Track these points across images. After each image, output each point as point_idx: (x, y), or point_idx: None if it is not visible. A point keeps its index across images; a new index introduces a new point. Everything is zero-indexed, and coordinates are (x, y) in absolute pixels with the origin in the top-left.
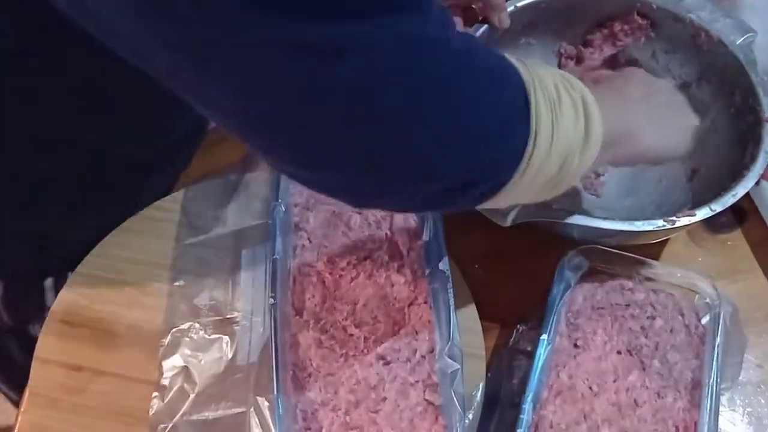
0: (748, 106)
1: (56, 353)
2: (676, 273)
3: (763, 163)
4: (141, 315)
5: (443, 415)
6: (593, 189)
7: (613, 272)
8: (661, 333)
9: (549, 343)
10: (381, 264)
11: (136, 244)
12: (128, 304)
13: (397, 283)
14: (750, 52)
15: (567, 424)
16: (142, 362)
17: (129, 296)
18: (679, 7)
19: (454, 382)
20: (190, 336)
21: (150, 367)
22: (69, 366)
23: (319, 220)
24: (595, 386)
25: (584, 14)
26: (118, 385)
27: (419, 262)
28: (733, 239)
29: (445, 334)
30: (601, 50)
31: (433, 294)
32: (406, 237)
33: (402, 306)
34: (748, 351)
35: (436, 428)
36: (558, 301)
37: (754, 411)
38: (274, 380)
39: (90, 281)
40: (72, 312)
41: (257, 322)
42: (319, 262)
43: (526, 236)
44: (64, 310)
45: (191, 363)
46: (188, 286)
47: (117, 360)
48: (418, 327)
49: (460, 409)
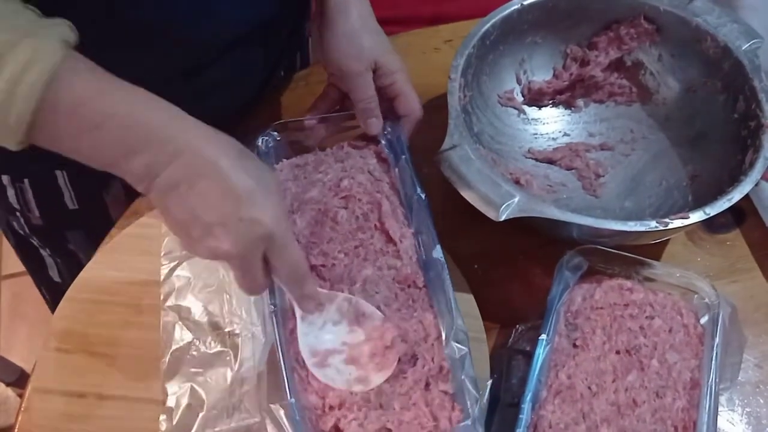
0: (750, 111)
1: (55, 382)
2: (675, 273)
3: (761, 169)
4: (138, 334)
5: (458, 399)
6: (592, 190)
7: (612, 272)
8: (660, 333)
9: (548, 343)
10: (375, 251)
11: (123, 264)
12: (124, 324)
13: (394, 266)
14: (755, 58)
15: (566, 423)
16: (146, 381)
17: (123, 317)
18: (686, 11)
19: (464, 367)
20: (190, 354)
21: (154, 385)
22: (70, 393)
23: (305, 220)
24: (594, 386)
25: (591, 16)
26: (123, 408)
27: (414, 249)
28: (732, 239)
29: (449, 319)
30: (606, 53)
31: (430, 282)
32: (397, 227)
33: (402, 287)
34: (746, 351)
35: (455, 414)
36: (557, 301)
37: (752, 411)
38: (286, 386)
39: (81, 306)
40: (66, 339)
41: (257, 330)
42: (311, 257)
43: (526, 236)
44: (58, 338)
45: (196, 381)
46: (181, 303)
47: (119, 382)
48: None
49: (474, 391)
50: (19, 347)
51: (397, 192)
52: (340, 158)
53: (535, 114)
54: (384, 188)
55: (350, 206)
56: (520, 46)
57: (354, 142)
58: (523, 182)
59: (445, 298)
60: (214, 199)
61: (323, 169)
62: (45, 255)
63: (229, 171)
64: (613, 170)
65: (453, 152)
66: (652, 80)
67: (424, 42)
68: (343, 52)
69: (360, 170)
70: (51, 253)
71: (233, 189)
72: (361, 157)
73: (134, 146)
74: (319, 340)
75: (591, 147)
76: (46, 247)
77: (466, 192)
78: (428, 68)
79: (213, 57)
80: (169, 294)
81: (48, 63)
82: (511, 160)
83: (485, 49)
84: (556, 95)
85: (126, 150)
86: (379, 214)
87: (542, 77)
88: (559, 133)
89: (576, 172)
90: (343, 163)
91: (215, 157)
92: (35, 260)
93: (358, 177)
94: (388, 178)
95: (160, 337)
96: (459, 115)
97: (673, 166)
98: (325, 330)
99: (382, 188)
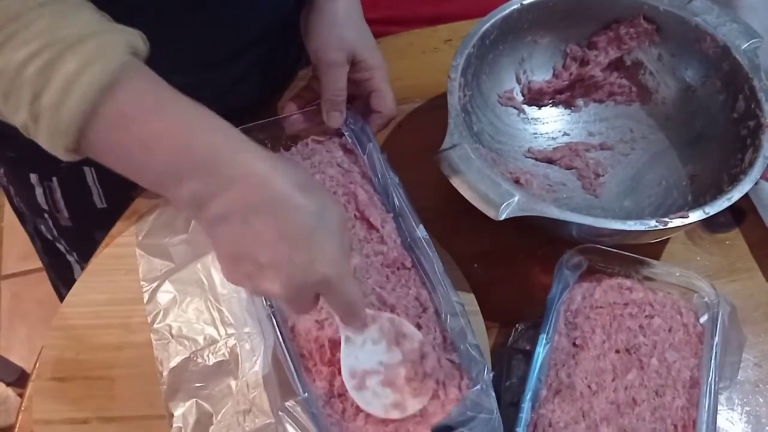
0: (750, 111)
1: (56, 412)
2: (674, 272)
3: (760, 169)
4: (133, 353)
5: (465, 368)
6: (592, 189)
7: (611, 271)
8: (660, 332)
9: (548, 342)
10: (359, 239)
11: (106, 286)
12: (117, 345)
13: (380, 252)
14: (755, 57)
15: (566, 422)
16: (149, 398)
17: (116, 338)
18: (686, 10)
19: (466, 337)
20: (190, 370)
21: (157, 401)
22: (74, 421)
23: None
24: (594, 385)
25: (590, 15)
26: (128, 428)
27: (396, 233)
28: (732, 239)
29: (444, 294)
30: (606, 53)
31: (418, 261)
32: (377, 213)
33: (392, 270)
34: (746, 350)
35: (465, 382)
36: (557, 300)
37: (752, 410)
38: (297, 382)
39: (69, 333)
40: (60, 368)
41: (254, 333)
42: None
43: (526, 236)
44: (51, 368)
45: (200, 395)
46: (171, 322)
47: (122, 403)
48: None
49: (479, 357)
50: (19, 347)
51: (369, 180)
52: (307, 155)
53: (534, 113)
54: (356, 178)
55: None
56: (519, 45)
57: (316, 137)
58: (522, 182)
59: (436, 275)
60: (268, 238)
61: None
62: (72, 261)
63: (287, 207)
64: (612, 170)
65: (453, 152)
66: (651, 80)
67: (423, 42)
68: (323, 40)
69: (329, 164)
70: (78, 258)
71: (290, 229)
72: (327, 152)
73: (183, 171)
74: (358, 360)
75: (591, 146)
76: (73, 251)
77: (466, 191)
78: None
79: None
80: (156, 315)
81: (109, 65)
82: (510, 159)
83: (485, 49)
84: (556, 95)
85: (175, 174)
86: (356, 203)
87: (542, 77)
88: (558, 132)
89: (576, 171)
90: (310, 159)
91: (272, 190)
92: (62, 265)
93: (328, 171)
94: (358, 168)
95: (155, 357)
96: (459, 114)
97: (673, 165)
98: (364, 349)
99: (354, 178)
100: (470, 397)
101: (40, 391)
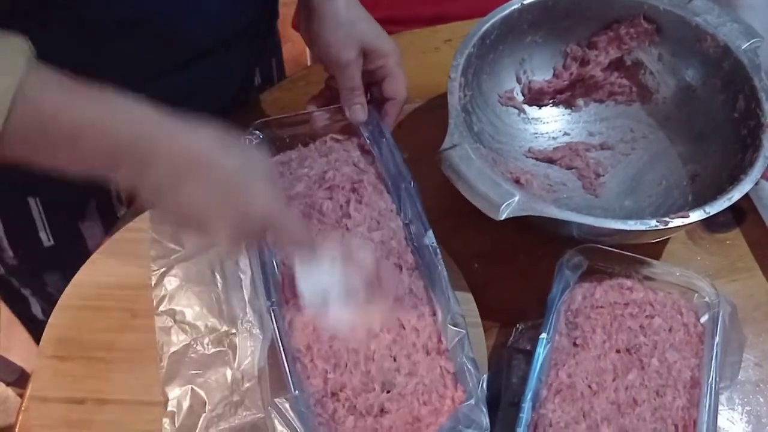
0: (750, 110)
1: (54, 390)
2: (674, 272)
3: (760, 169)
4: (134, 338)
5: (461, 380)
6: (593, 189)
7: (612, 271)
8: (660, 332)
9: (548, 342)
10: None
11: (114, 269)
12: (119, 328)
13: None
14: (755, 57)
15: (566, 422)
16: (145, 384)
17: (118, 321)
18: (686, 10)
19: (464, 349)
20: (188, 356)
21: (153, 387)
22: (70, 400)
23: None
24: (595, 385)
25: (590, 15)
26: (124, 411)
27: (404, 237)
28: (732, 238)
29: (444, 303)
30: (606, 52)
31: (424, 267)
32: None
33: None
34: (746, 350)
35: (458, 395)
36: (557, 300)
37: (753, 410)
38: (289, 378)
39: (74, 313)
40: (62, 346)
41: (255, 326)
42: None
43: (526, 235)
44: (53, 346)
45: (196, 382)
46: (175, 307)
47: (118, 386)
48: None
49: (475, 371)
50: (18, 347)
51: (384, 182)
52: (324, 152)
53: (535, 113)
54: (370, 179)
55: (334, 196)
56: (520, 45)
57: (335, 136)
58: (523, 181)
59: (440, 283)
60: (200, 197)
61: (308, 164)
62: (27, 294)
63: (210, 165)
64: (613, 169)
65: (453, 152)
66: (652, 80)
67: (423, 42)
68: (331, 42)
69: (345, 162)
70: (32, 293)
71: (218, 185)
72: (344, 150)
73: (109, 159)
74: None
75: (591, 146)
76: (27, 287)
77: (466, 191)
78: (428, 68)
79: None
80: (162, 299)
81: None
82: (511, 159)
83: (485, 49)
84: (556, 95)
85: (104, 163)
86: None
87: (542, 77)
88: (559, 132)
89: (576, 171)
90: (327, 157)
91: (194, 155)
92: (17, 299)
93: (342, 169)
94: (373, 169)
95: (156, 341)
96: (459, 114)
97: (673, 165)
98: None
99: (369, 179)
100: (463, 411)
101: (41, 368)
